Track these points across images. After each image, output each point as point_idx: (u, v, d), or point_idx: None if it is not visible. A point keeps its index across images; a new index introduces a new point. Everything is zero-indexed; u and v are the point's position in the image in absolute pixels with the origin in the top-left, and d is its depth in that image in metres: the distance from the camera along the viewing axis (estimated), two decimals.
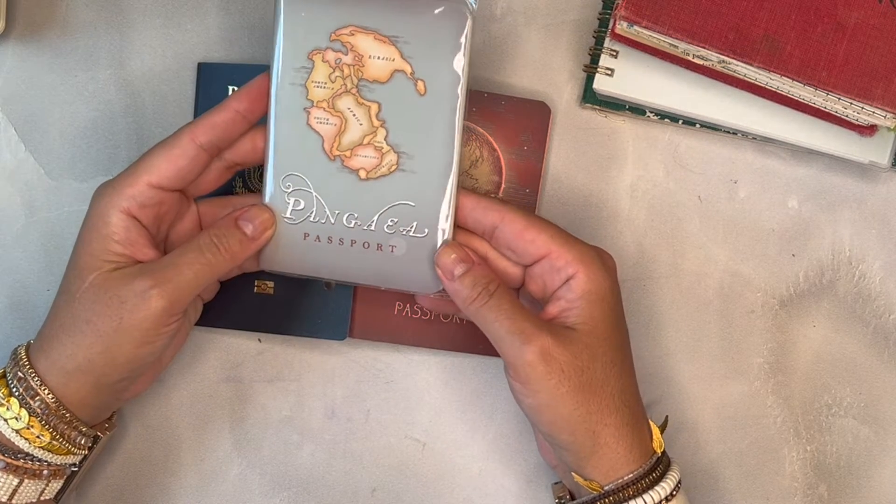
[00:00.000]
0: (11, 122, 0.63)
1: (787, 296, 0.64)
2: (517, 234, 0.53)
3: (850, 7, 0.57)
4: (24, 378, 0.52)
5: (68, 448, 0.53)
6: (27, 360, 0.53)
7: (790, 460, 0.64)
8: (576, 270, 0.53)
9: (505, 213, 0.54)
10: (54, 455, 0.53)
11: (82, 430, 0.53)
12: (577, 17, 0.64)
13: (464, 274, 0.53)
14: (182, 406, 0.63)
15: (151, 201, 0.53)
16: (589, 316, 0.53)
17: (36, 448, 0.52)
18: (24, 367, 0.52)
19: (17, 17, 0.63)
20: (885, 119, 0.57)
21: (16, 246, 0.63)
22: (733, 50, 0.57)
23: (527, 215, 0.54)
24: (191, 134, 0.53)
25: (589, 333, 0.53)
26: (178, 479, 0.63)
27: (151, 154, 0.54)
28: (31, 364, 0.53)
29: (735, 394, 0.64)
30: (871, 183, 0.64)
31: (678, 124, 0.63)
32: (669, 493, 0.53)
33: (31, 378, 0.52)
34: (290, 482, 0.63)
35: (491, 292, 0.53)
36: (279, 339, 0.63)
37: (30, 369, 0.52)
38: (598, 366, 0.52)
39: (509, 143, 0.62)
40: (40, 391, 0.52)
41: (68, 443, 0.53)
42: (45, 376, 0.52)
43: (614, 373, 0.53)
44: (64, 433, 0.53)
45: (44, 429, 0.52)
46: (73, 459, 0.54)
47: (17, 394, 0.52)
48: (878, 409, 0.64)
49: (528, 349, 0.51)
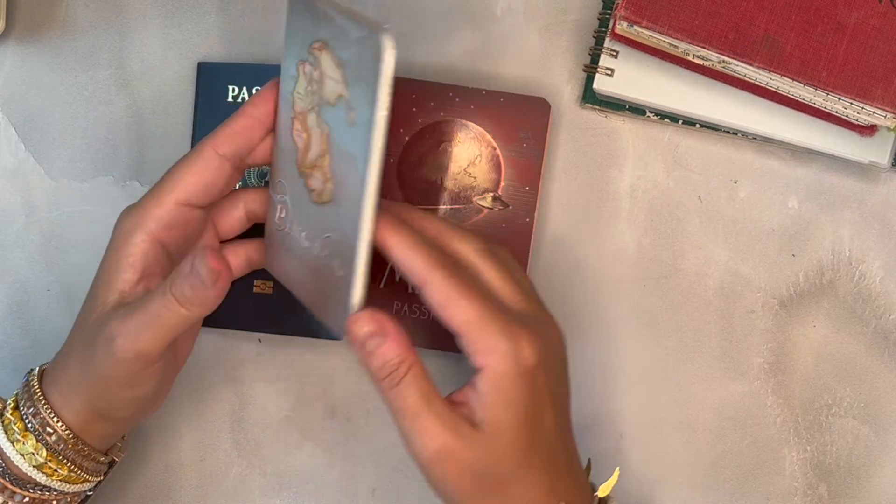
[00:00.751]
0: (11, 122, 0.63)
1: (787, 296, 0.64)
2: (437, 305, 0.48)
3: (850, 7, 0.57)
4: (39, 412, 0.51)
5: (85, 477, 0.53)
6: (40, 391, 0.52)
7: (790, 460, 0.64)
8: (484, 364, 0.48)
9: (427, 280, 0.48)
10: (70, 485, 0.53)
11: (99, 459, 0.53)
12: (577, 17, 0.64)
13: (373, 351, 0.48)
14: (182, 406, 0.63)
15: (180, 221, 0.51)
16: (494, 417, 0.48)
17: (54, 481, 0.52)
18: (38, 400, 0.52)
19: (17, 17, 0.63)
20: (885, 119, 0.57)
21: (16, 246, 0.63)
22: (733, 50, 0.57)
23: (450, 287, 0.48)
24: (212, 145, 0.51)
25: (492, 436, 0.48)
26: (179, 478, 0.63)
27: (175, 171, 0.51)
28: (45, 396, 0.52)
29: (735, 394, 0.64)
30: (871, 183, 0.64)
31: (678, 124, 0.63)
32: None
33: (46, 412, 0.51)
34: (290, 482, 0.63)
35: (398, 378, 0.48)
36: (279, 339, 0.63)
37: (45, 404, 0.52)
38: (499, 468, 0.49)
39: (508, 141, 0.62)
40: (56, 426, 0.51)
41: (85, 472, 0.53)
42: (59, 410, 0.51)
43: (519, 473, 0.49)
44: (81, 465, 0.52)
45: (61, 463, 0.51)
46: (88, 487, 0.54)
47: (33, 428, 0.51)
48: (878, 409, 0.64)
49: (425, 452, 0.48)
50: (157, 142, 0.63)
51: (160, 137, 0.63)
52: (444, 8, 0.64)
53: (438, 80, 0.62)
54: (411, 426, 0.48)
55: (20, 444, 0.51)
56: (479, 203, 0.62)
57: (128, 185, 0.63)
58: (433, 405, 0.48)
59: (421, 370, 0.49)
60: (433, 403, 0.48)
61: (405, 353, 0.48)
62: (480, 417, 0.48)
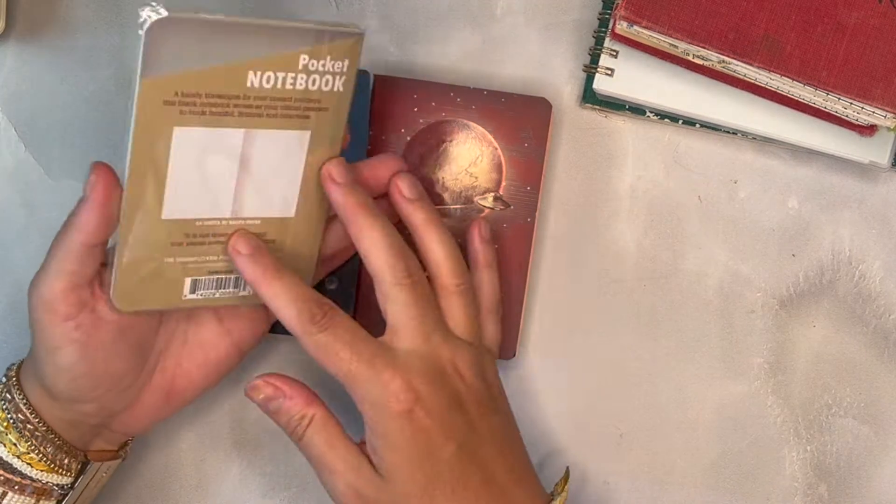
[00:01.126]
0: (11, 122, 0.63)
1: (787, 296, 0.64)
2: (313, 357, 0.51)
3: (850, 7, 0.58)
4: (14, 400, 0.52)
5: (50, 466, 0.53)
6: (16, 379, 0.53)
7: (790, 460, 0.64)
8: (362, 413, 0.50)
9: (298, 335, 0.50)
10: (34, 469, 0.52)
11: (56, 443, 0.52)
12: (577, 17, 0.64)
13: (276, 411, 0.52)
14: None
15: None
16: (387, 461, 0.50)
17: (12, 457, 0.52)
18: (13, 387, 0.53)
19: (17, 17, 0.63)
20: (884, 119, 0.58)
21: (16, 246, 0.63)
22: (733, 50, 0.57)
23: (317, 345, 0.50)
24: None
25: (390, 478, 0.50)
26: (179, 478, 0.63)
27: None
28: (21, 385, 0.53)
29: (735, 394, 0.64)
30: (871, 183, 0.64)
31: (678, 124, 0.63)
32: None
33: (20, 400, 0.52)
34: (290, 482, 0.63)
35: (302, 431, 0.51)
36: (279, 339, 0.63)
37: (19, 392, 0.53)
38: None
39: (509, 141, 0.62)
40: (27, 415, 0.52)
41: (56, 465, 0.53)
42: (30, 398, 0.52)
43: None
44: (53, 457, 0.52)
45: (21, 438, 0.52)
46: (56, 479, 0.53)
47: (12, 419, 0.52)
48: (878, 409, 0.64)
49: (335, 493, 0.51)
50: None
51: None
52: (443, 8, 0.64)
53: (438, 80, 0.62)
54: (320, 471, 0.51)
55: (2, 434, 0.52)
56: (480, 203, 0.62)
57: None
58: (337, 450, 0.51)
59: (324, 419, 0.51)
60: (337, 448, 0.51)
61: (304, 408, 0.51)
62: (377, 462, 0.50)
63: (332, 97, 0.51)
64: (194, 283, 0.53)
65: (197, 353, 0.55)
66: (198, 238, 0.51)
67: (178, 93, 0.48)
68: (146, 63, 0.46)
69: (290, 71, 0.49)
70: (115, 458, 0.56)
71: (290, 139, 0.51)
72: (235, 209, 0.52)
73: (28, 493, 0.52)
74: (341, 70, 0.50)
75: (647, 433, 0.63)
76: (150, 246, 0.51)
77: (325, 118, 0.51)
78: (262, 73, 0.49)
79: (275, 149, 0.51)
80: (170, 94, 0.47)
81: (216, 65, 0.48)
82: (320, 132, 0.51)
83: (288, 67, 0.49)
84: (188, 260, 0.52)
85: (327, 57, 0.50)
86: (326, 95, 0.51)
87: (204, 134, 0.49)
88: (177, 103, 0.48)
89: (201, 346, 0.55)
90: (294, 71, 0.49)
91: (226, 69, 0.48)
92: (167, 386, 0.55)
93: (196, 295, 0.53)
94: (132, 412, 0.55)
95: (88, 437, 0.54)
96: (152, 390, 0.55)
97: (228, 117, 0.49)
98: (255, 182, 0.51)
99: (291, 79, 0.49)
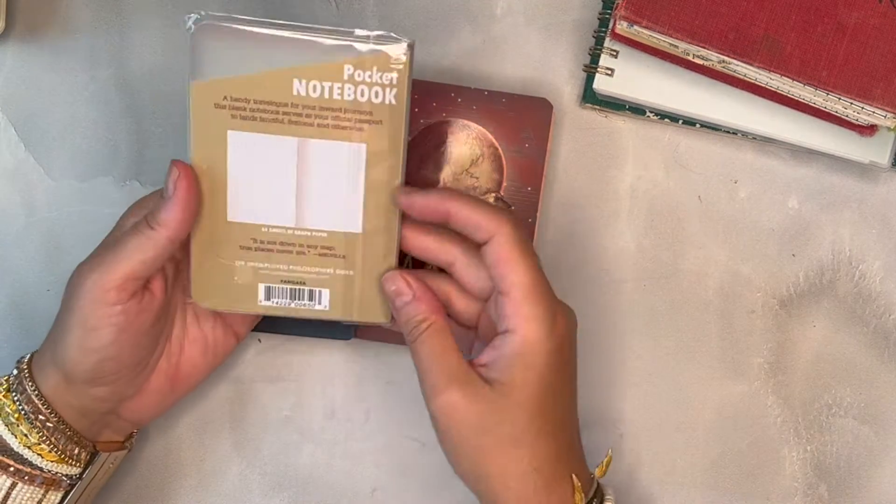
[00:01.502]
0: (11, 122, 0.63)
1: (787, 296, 0.64)
2: (497, 259, 0.51)
3: (850, 7, 0.58)
4: (25, 391, 0.53)
5: (60, 456, 0.53)
6: (28, 371, 0.54)
7: (790, 460, 0.64)
8: (517, 326, 0.51)
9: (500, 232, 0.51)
10: (44, 460, 0.53)
11: (67, 433, 0.53)
12: (577, 17, 0.64)
13: (401, 308, 0.53)
14: (182, 406, 0.63)
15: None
16: (510, 377, 0.51)
17: (23, 448, 0.52)
18: (25, 378, 0.53)
19: (17, 17, 0.63)
20: (885, 119, 0.58)
21: (16, 246, 0.63)
22: (733, 50, 0.57)
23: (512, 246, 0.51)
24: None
25: (504, 395, 0.51)
26: (179, 478, 0.63)
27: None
28: (32, 376, 0.53)
29: (735, 394, 0.64)
30: (871, 183, 0.64)
31: (678, 124, 0.63)
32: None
33: (31, 391, 0.53)
34: (290, 482, 0.63)
35: (420, 332, 0.52)
36: (279, 339, 0.63)
37: (31, 383, 0.53)
38: (504, 429, 0.50)
39: (510, 141, 0.62)
40: (39, 405, 0.52)
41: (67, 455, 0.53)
42: (42, 388, 0.53)
43: (527, 438, 0.51)
44: (64, 448, 0.53)
45: (32, 429, 0.52)
46: (65, 469, 0.54)
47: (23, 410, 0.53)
48: (878, 409, 0.64)
49: (432, 404, 0.51)
50: (157, 142, 0.63)
51: (160, 137, 0.63)
52: (443, 8, 0.64)
53: (438, 80, 0.62)
54: (425, 377, 0.51)
55: (14, 426, 0.52)
56: None
57: (127, 186, 0.63)
58: (447, 359, 0.51)
59: (442, 328, 0.52)
60: (447, 358, 0.51)
61: (428, 312, 0.52)
62: (496, 377, 0.51)
63: (384, 110, 0.52)
64: (268, 290, 0.54)
65: (198, 338, 0.57)
66: (265, 244, 0.54)
67: (227, 97, 0.51)
68: (194, 67, 0.50)
69: (335, 81, 0.51)
70: (122, 448, 0.57)
71: (344, 151, 0.52)
72: (299, 219, 0.53)
73: (37, 484, 0.53)
74: (391, 82, 0.51)
75: (647, 433, 0.63)
76: (220, 246, 0.53)
77: (380, 131, 0.52)
78: (307, 81, 0.51)
79: (330, 160, 0.52)
80: (219, 97, 0.51)
81: (260, 71, 0.51)
82: (377, 146, 0.52)
83: (333, 77, 0.51)
84: (259, 265, 0.54)
85: (373, 68, 0.51)
86: (378, 108, 0.52)
87: (258, 139, 0.52)
88: (227, 107, 0.51)
89: (201, 331, 0.57)
90: (340, 81, 0.51)
91: (270, 76, 0.51)
92: (172, 371, 0.56)
93: (271, 302, 0.55)
94: (140, 398, 0.56)
95: (97, 427, 0.55)
96: (159, 376, 0.56)
97: (279, 124, 0.51)
98: (314, 192, 0.53)
99: (338, 89, 0.51)
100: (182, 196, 0.51)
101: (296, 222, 0.53)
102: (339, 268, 0.54)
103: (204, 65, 0.50)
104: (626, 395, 0.63)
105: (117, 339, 0.52)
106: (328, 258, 0.54)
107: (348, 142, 0.52)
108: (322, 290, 0.55)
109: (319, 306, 0.55)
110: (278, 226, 0.53)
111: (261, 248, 0.54)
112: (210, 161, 0.52)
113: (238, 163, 0.52)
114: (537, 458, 0.51)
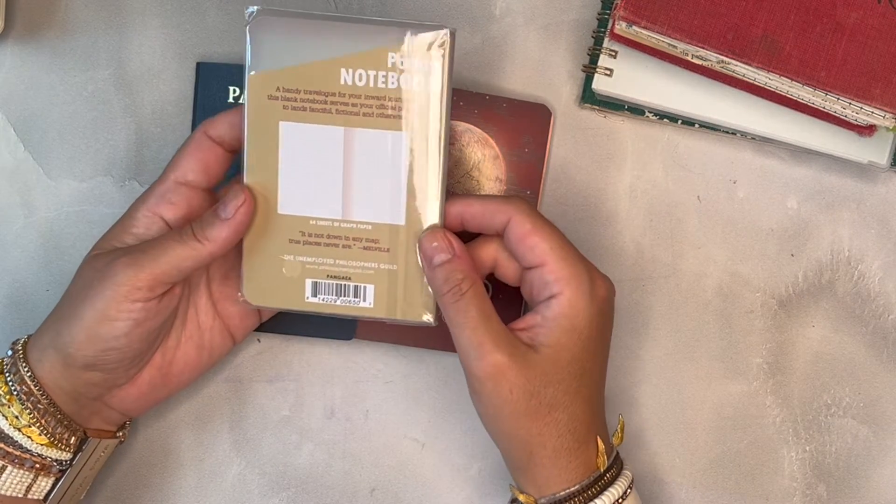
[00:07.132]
0: (11, 122, 0.63)
1: (786, 296, 0.64)
2: (521, 235, 0.53)
3: (849, 7, 0.58)
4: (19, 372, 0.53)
5: (50, 440, 0.53)
6: (22, 353, 0.54)
7: (789, 460, 0.64)
8: (560, 291, 0.52)
9: (514, 212, 0.53)
10: (34, 442, 0.53)
11: (58, 416, 0.53)
12: (576, 17, 0.64)
13: (441, 265, 0.53)
14: (181, 406, 0.63)
15: (180, 198, 0.54)
16: (555, 340, 0.52)
17: (13, 430, 0.52)
18: (19, 360, 0.54)
19: (17, 17, 0.63)
20: (884, 119, 0.58)
21: (15, 246, 0.63)
22: (732, 50, 0.57)
23: (535, 219, 0.53)
24: (203, 128, 0.54)
25: (549, 358, 0.52)
26: (178, 479, 0.63)
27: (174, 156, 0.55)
28: (27, 359, 0.54)
29: (734, 394, 0.64)
30: (870, 183, 0.64)
31: (677, 124, 0.63)
32: None
33: (25, 372, 0.53)
34: (290, 482, 0.63)
35: (462, 292, 0.52)
36: (279, 339, 0.63)
37: (24, 364, 0.53)
38: (549, 391, 0.52)
39: (510, 145, 0.62)
40: (31, 386, 0.52)
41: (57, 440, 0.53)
42: (35, 370, 0.53)
43: (566, 400, 0.52)
44: (54, 432, 0.53)
45: (23, 410, 0.52)
46: (56, 454, 0.53)
47: (16, 392, 0.53)
48: (877, 409, 0.64)
49: (479, 365, 0.51)
50: (156, 142, 0.63)
51: (160, 137, 0.63)
52: (442, 8, 0.64)
53: None
54: (469, 340, 0.51)
55: (5, 406, 0.52)
56: None
57: (127, 185, 0.63)
58: (492, 323, 0.52)
59: (482, 291, 0.53)
60: (492, 321, 0.52)
61: (469, 272, 0.52)
62: (541, 341, 0.52)
63: (424, 97, 0.52)
64: (315, 286, 0.55)
65: (194, 335, 0.57)
66: (313, 238, 0.54)
67: (279, 87, 0.52)
68: (252, 58, 0.52)
69: (379, 69, 0.52)
70: (113, 437, 0.57)
71: (387, 140, 0.53)
72: (346, 211, 0.54)
73: (27, 468, 0.53)
74: (429, 69, 0.52)
75: (647, 433, 0.64)
76: (270, 240, 0.54)
77: (421, 120, 0.53)
78: (353, 70, 0.52)
79: (374, 149, 0.53)
80: (272, 88, 0.52)
81: (310, 61, 0.52)
82: (418, 135, 0.53)
83: (377, 65, 0.52)
84: (306, 260, 0.54)
85: (415, 55, 0.52)
86: (419, 96, 0.52)
87: (307, 130, 0.53)
88: (280, 98, 0.52)
89: (198, 328, 0.57)
90: (384, 69, 0.52)
91: (320, 66, 0.52)
92: (166, 366, 0.57)
93: (317, 299, 0.55)
94: (130, 388, 0.56)
95: (87, 412, 0.55)
96: (152, 369, 0.56)
97: (327, 114, 0.53)
98: (359, 183, 0.53)
99: (382, 77, 0.52)
100: (240, 220, 0.52)
101: (342, 214, 0.54)
102: (384, 262, 0.54)
103: (260, 57, 0.52)
104: (625, 395, 0.63)
105: (130, 333, 0.52)
106: (372, 252, 0.54)
107: (392, 130, 0.53)
108: (367, 287, 0.55)
109: (364, 303, 0.55)
110: (326, 218, 0.54)
111: (308, 242, 0.54)
112: (264, 153, 0.53)
113: (289, 154, 0.53)
114: (574, 420, 0.53)
